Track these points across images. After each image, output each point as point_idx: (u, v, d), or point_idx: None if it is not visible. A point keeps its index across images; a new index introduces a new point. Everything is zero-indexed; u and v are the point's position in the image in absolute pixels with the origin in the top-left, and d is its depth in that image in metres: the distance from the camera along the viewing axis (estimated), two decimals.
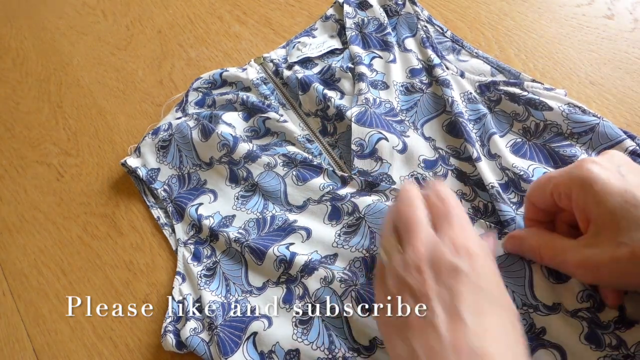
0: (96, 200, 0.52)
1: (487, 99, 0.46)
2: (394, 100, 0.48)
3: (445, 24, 0.54)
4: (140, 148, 0.51)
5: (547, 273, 0.37)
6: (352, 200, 0.43)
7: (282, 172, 0.46)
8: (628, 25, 0.51)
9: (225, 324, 0.40)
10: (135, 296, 0.45)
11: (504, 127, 0.45)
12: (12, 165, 0.56)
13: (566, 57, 0.50)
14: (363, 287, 0.39)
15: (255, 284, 0.42)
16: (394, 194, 0.43)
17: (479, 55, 0.50)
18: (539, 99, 0.44)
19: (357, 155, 0.45)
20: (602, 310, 0.35)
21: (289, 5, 0.62)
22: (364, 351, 0.37)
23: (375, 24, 0.54)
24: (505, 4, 0.56)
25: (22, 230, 0.51)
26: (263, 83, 0.53)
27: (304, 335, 0.38)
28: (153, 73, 0.60)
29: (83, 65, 0.63)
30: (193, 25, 0.63)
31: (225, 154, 0.48)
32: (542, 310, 0.35)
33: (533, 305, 0.36)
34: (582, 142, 0.42)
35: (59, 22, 0.68)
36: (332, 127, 0.48)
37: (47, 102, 0.60)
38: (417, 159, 0.44)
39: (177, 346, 0.40)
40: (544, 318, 0.35)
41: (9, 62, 0.65)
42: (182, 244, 0.46)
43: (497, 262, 0.38)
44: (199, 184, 0.49)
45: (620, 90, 0.47)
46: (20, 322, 0.46)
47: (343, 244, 0.41)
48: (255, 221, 0.45)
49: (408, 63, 0.51)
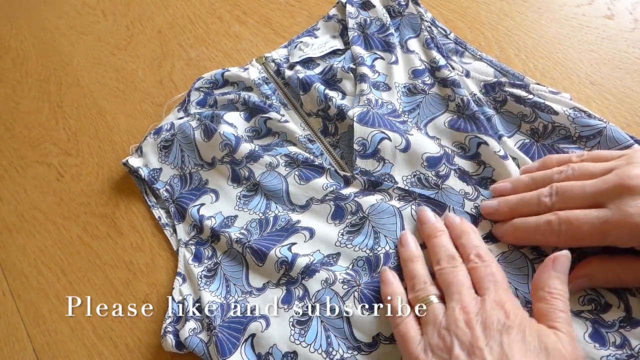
0: (96, 200, 0.52)
1: (493, 100, 0.46)
2: (395, 102, 0.48)
3: (445, 24, 0.54)
4: (142, 148, 0.51)
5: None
6: (355, 199, 0.43)
7: (284, 172, 0.46)
8: (628, 25, 0.51)
9: (224, 324, 0.39)
10: (135, 296, 0.45)
11: (511, 128, 0.45)
12: (12, 165, 0.56)
13: (566, 57, 0.50)
14: (367, 287, 0.39)
15: (255, 284, 0.42)
16: (397, 192, 0.42)
17: (482, 57, 0.50)
18: (544, 103, 0.44)
19: (360, 155, 0.45)
20: (607, 311, 0.35)
21: (289, 5, 0.62)
22: (365, 348, 0.37)
23: (378, 24, 0.54)
24: (505, 4, 0.56)
25: (22, 230, 0.51)
26: (264, 83, 0.53)
27: (302, 336, 0.38)
28: (153, 73, 0.60)
29: (83, 65, 0.63)
30: (193, 25, 0.63)
31: (227, 154, 0.48)
32: None
33: None
34: (590, 146, 0.42)
35: (59, 22, 0.68)
36: (334, 127, 0.48)
37: (47, 102, 0.60)
38: (421, 158, 0.44)
39: (176, 347, 0.40)
40: None
41: (9, 62, 0.65)
42: (183, 245, 0.46)
43: (499, 258, 0.38)
44: (200, 184, 0.49)
45: (620, 90, 0.47)
46: (20, 322, 0.46)
47: (346, 243, 0.41)
48: (257, 221, 0.45)
49: (410, 64, 0.51)
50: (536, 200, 0.37)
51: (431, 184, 0.43)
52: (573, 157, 0.39)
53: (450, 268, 0.35)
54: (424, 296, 0.35)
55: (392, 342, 0.36)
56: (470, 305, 0.33)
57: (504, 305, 0.32)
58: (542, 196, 0.37)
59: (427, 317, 0.34)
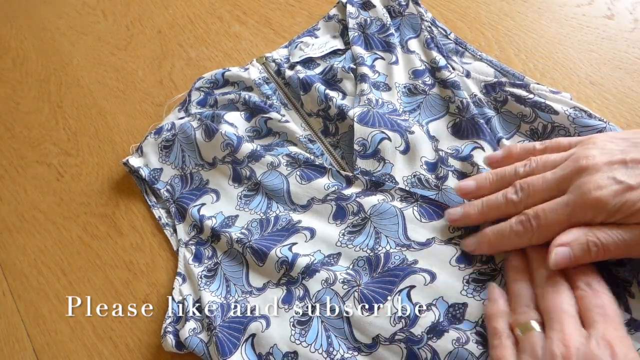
0: (96, 200, 0.52)
1: (493, 99, 0.46)
2: (396, 102, 0.48)
3: (445, 24, 0.54)
4: (142, 147, 0.51)
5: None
6: (357, 200, 0.43)
7: (285, 172, 0.46)
8: (628, 25, 0.51)
9: (224, 324, 0.39)
10: (135, 296, 0.45)
11: (510, 129, 0.45)
12: (12, 165, 0.56)
13: (566, 57, 0.50)
14: (367, 287, 0.39)
15: (255, 284, 0.42)
16: (399, 193, 0.43)
17: (482, 58, 0.50)
18: (544, 102, 0.44)
19: (360, 155, 0.45)
20: None
21: (289, 5, 0.62)
22: (365, 349, 0.37)
23: (378, 24, 0.54)
24: (505, 4, 0.56)
25: (22, 230, 0.51)
26: (265, 83, 0.53)
27: (302, 336, 0.38)
28: (153, 73, 0.60)
29: (83, 65, 0.63)
30: (193, 25, 0.63)
31: (228, 154, 0.48)
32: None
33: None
34: None
35: (59, 22, 0.68)
36: (334, 128, 0.48)
37: (47, 102, 0.60)
38: (420, 160, 0.44)
39: (177, 347, 0.40)
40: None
41: (9, 62, 0.65)
42: (184, 245, 0.46)
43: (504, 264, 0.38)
44: (201, 184, 0.49)
45: (620, 90, 0.47)
46: (20, 322, 0.46)
47: (347, 243, 0.41)
48: (258, 221, 0.45)
49: (411, 64, 0.51)
50: (503, 199, 0.37)
51: (431, 185, 0.43)
52: (537, 145, 0.39)
53: (553, 293, 0.33)
54: (524, 321, 0.33)
55: (391, 343, 0.36)
56: (572, 338, 0.29)
57: (612, 345, 0.29)
58: (508, 194, 0.37)
59: (524, 345, 0.31)
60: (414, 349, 0.35)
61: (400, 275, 0.38)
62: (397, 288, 0.38)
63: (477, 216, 0.38)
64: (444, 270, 0.38)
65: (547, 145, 0.39)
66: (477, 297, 0.36)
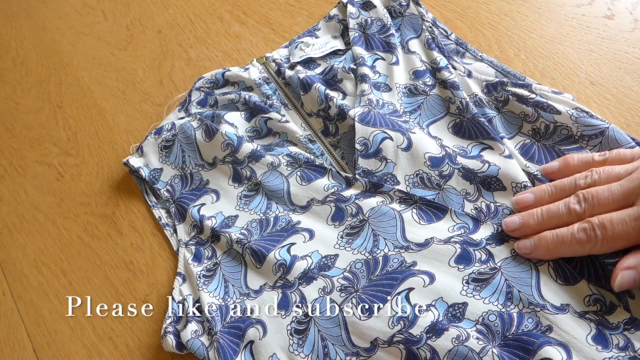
0: (96, 200, 0.52)
1: (495, 99, 0.46)
2: (396, 103, 0.48)
3: (445, 24, 0.54)
4: (142, 147, 0.51)
5: (554, 275, 0.37)
6: (356, 202, 0.43)
7: (285, 172, 0.46)
8: (628, 25, 0.51)
9: (224, 330, 0.39)
10: (135, 296, 0.45)
11: (512, 129, 0.45)
12: (12, 165, 0.56)
13: (566, 57, 0.50)
14: (365, 292, 0.38)
15: (252, 286, 0.42)
16: (398, 195, 0.42)
17: (483, 58, 0.50)
18: (546, 102, 0.44)
19: (362, 154, 0.45)
20: (612, 313, 0.35)
21: (289, 5, 0.62)
22: (364, 353, 0.37)
23: (379, 25, 0.54)
24: (505, 4, 0.56)
25: (22, 230, 0.51)
26: (265, 83, 0.53)
27: (300, 347, 0.38)
28: (153, 73, 0.60)
29: (83, 65, 0.63)
30: (193, 25, 0.63)
31: (229, 154, 0.48)
32: (550, 310, 0.35)
33: (540, 305, 0.36)
34: (592, 145, 0.42)
35: (59, 22, 0.68)
36: (334, 128, 0.48)
37: (47, 102, 0.60)
38: (423, 157, 0.44)
39: (177, 347, 0.40)
40: (552, 317, 0.35)
41: (9, 62, 0.65)
42: (184, 245, 0.46)
43: (502, 263, 0.38)
44: (201, 184, 0.49)
45: (620, 90, 0.47)
46: (20, 322, 0.46)
47: (345, 245, 0.41)
48: (258, 222, 0.45)
49: (411, 65, 0.51)
50: (565, 210, 0.36)
51: (433, 184, 0.43)
52: (595, 156, 0.39)
53: None
54: None
55: (390, 345, 0.36)
56: None
57: None
58: (571, 204, 0.36)
59: None
60: (412, 349, 0.35)
61: (399, 278, 0.38)
62: (396, 291, 0.38)
63: (536, 226, 0.37)
64: (443, 271, 0.38)
65: (608, 156, 0.38)
66: (477, 296, 0.36)
